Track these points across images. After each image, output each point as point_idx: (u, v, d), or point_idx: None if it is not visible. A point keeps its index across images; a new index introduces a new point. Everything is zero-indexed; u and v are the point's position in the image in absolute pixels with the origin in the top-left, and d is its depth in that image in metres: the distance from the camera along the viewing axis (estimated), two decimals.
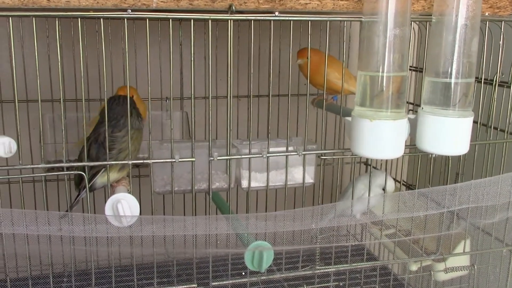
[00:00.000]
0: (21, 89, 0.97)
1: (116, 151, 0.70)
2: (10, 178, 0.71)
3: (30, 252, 0.70)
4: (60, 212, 0.68)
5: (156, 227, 0.67)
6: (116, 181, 0.74)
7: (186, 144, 0.77)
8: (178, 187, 0.74)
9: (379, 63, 0.67)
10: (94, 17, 0.64)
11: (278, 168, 0.78)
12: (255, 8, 0.68)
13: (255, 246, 0.71)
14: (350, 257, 0.90)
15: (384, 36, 0.66)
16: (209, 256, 0.73)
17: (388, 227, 0.92)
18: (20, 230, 0.63)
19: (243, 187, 0.77)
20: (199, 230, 0.68)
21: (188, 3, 0.66)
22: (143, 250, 0.72)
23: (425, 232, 0.78)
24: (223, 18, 0.67)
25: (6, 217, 0.65)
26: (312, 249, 0.79)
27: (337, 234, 0.97)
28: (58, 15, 0.64)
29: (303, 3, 0.69)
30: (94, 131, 0.73)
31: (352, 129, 0.70)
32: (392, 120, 0.67)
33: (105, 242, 0.69)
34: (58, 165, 0.67)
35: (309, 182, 0.80)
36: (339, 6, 0.70)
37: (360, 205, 0.84)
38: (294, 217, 0.71)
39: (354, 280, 0.90)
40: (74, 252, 0.70)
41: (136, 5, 0.64)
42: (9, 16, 0.63)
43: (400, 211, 0.76)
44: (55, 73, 0.99)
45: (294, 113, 1.03)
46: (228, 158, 0.71)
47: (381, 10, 0.66)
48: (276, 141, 0.79)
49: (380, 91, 0.68)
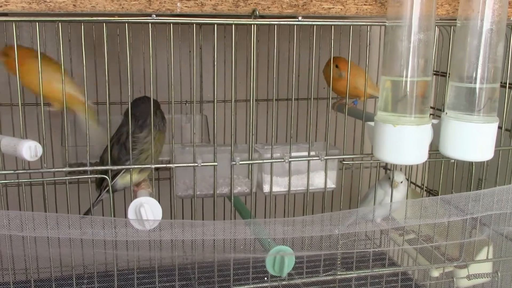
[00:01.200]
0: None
1: (137, 152, 0.70)
2: (33, 181, 0.71)
3: (51, 254, 0.71)
4: (84, 216, 0.68)
5: (177, 231, 0.67)
6: (137, 183, 0.74)
7: (208, 148, 0.77)
8: (200, 191, 0.74)
9: (403, 67, 0.67)
10: (119, 22, 0.65)
11: (298, 173, 0.78)
12: (279, 13, 0.68)
13: (277, 251, 0.71)
14: (368, 262, 0.89)
15: (408, 41, 0.66)
16: (230, 261, 0.73)
17: (408, 232, 0.91)
18: (43, 233, 0.64)
19: (265, 191, 0.77)
20: (220, 234, 0.68)
21: (212, 8, 0.66)
22: (163, 253, 0.72)
23: (447, 239, 0.77)
24: (246, 23, 0.67)
25: (30, 220, 0.66)
26: (333, 254, 0.79)
27: (356, 239, 0.97)
28: (83, 20, 0.64)
29: (326, 8, 0.69)
30: (117, 132, 0.73)
31: (375, 134, 0.70)
32: (416, 125, 0.67)
33: (126, 245, 0.70)
34: (82, 168, 0.67)
35: (331, 187, 0.80)
36: (362, 10, 0.70)
37: (381, 210, 0.83)
38: (315, 222, 0.71)
39: (374, 285, 0.89)
40: (95, 254, 0.71)
41: (160, 10, 0.65)
42: (36, 21, 0.64)
43: (422, 217, 0.76)
44: (77, 77, 0.99)
45: (314, 117, 1.03)
46: (250, 163, 0.71)
47: (405, 14, 0.66)
48: (297, 146, 0.79)
49: (404, 96, 0.67)
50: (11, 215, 0.66)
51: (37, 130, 0.96)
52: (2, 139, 0.64)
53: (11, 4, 0.62)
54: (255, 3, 0.67)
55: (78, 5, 0.63)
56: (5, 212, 0.66)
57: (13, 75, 0.71)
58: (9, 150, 0.63)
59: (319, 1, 0.68)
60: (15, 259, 0.76)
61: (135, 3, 0.64)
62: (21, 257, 0.78)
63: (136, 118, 0.72)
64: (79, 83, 0.96)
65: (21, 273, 0.95)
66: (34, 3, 0.62)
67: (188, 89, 1.05)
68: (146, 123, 0.72)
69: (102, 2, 0.63)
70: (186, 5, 0.65)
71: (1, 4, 0.61)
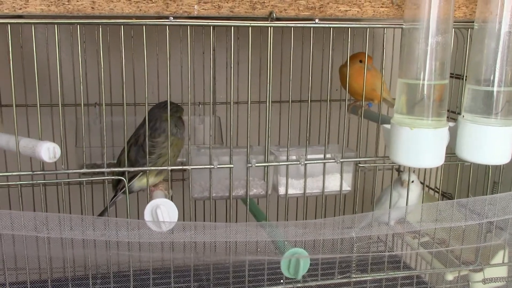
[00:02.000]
0: (55, 93, 0.99)
1: (155, 156, 0.71)
2: (47, 182, 0.72)
3: (68, 254, 0.71)
4: (100, 216, 0.69)
5: (192, 233, 0.67)
6: (154, 185, 0.74)
7: (223, 150, 0.77)
8: (216, 193, 0.74)
9: (420, 70, 0.66)
10: (137, 25, 0.65)
11: (312, 175, 0.78)
12: (295, 15, 0.68)
13: (292, 253, 0.71)
14: (381, 264, 0.89)
15: (425, 43, 0.66)
16: (245, 263, 0.73)
17: (422, 235, 0.91)
18: (61, 234, 0.64)
19: (280, 194, 0.77)
20: (235, 236, 0.68)
21: (229, 10, 0.66)
22: (178, 255, 0.72)
23: (463, 242, 0.77)
24: (263, 25, 0.67)
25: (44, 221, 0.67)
26: (347, 257, 0.79)
27: (371, 242, 0.97)
28: (101, 23, 0.65)
29: (343, 10, 0.69)
30: (134, 134, 0.74)
31: (391, 136, 0.69)
32: (433, 128, 0.67)
33: (139, 246, 0.70)
34: (100, 170, 0.68)
35: (346, 189, 0.79)
36: (379, 13, 0.70)
37: (395, 212, 0.83)
38: (331, 224, 0.71)
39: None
40: (111, 255, 0.71)
41: (177, 12, 0.65)
42: (55, 24, 0.64)
43: (437, 220, 0.75)
44: (92, 78, 1.00)
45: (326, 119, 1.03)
46: (266, 165, 0.71)
47: (423, 17, 0.65)
48: (312, 148, 0.79)
49: (421, 99, 0.67)
50: (26, 216, 0.67)
51: (51, 131, 0.97)
52: (20, 140, 0.65)
53: (30, 6, 0.62)
54: (272, 6, 0.67)
55: (96, 7, 0.63)
56: (21, 212, 0.67)
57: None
58: (27, 152, 0.64)
59: (336, 4, 0.68)
60: (30, 259, 0.76)
61: (152, 5, 0.64)
62: (36, 258, 0.79)
63: (153, 123, 0.72)
64: (94, 84, 0.97)
65: (34, 273, 0.96)
66: (53, 5, 0.62)
67: (201, 91, 1.06)
68: (163, 128, 0.72)
69: (120, 5, 0.64)
70: (203, 7, 0.66)
71: (20, 6, 0.62)
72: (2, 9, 0.61)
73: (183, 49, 1.05)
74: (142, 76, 1.04)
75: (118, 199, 0.74)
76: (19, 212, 0.68)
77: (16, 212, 0.67)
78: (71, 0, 0.62)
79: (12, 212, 0.68)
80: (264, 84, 1.05)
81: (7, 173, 0.70)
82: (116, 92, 1.00)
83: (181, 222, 0.67)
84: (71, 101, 0.99)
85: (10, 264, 0.81)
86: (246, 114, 0.99)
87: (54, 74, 0.99)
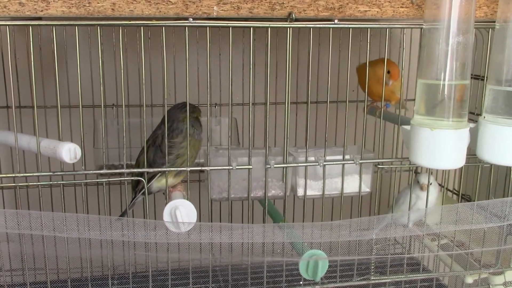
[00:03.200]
0: (73, 94, 1.00)
1: (173, 157, 0.71)
2: (66, 183, 0.72)
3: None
4: (120, 218, 0.69)
5: (212, 234, 0.68)
6: (172, 186, 0.74)
7: (241, 151, 0.77)
8: (234, 194, 0.74)
9: (441, 71, 0.66)
10: (157, 26, 0.65)
11: (331, 176, 0.78)
12: (314, 16, 0.68)
13: (310, 255, 0.70)
14: (399, 267, 0.88)
15: (446, 43, 0.65)
16: (264, 264, 0.73)
17: (441, 238, 0.90)
18: (85, 235, 0.65)
19: (299, 195, 0.76)
20: (254, 237, 0.68)
21: (248, 11, 0.66)
22: (194, 256, 0.72)
23: (483, 245, 0.76)
24: (282, 26, 0.67)
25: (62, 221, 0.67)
26: (365, 259, 0.78)
27: (390, 244, 0.96)
28: (122, 24, 0.65)
29: (362, 11, 0.68)
30: (152, 134, 0.74)
31: (411, 138, 0.69)
32: (454, 129, 0.66)
33: (159, 247, 0.70)
34: (119, 171, 0.68)
35: (365, 191, 0.79)
36: (399, 13, 0.69)
37: (413, 214, 0.82)
38: (349, 226, 0.70)
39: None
40: (131, 255, 0.71)
41: (197, 13, 0.65)
42: (76, 25, 0.64)
43: (457, 222, 0.74)
44: (109, 79, 1.01)
45: (342, 120, 1.02)
46: (285, 166, 0.71)
47: (443, 17, 0.65)
48: (330, 149, 0.79)
49: (442, 100, 0.66)
50: (45, 216, 0.67)
51: (70, 132, 0.97)
52: (41, 141, 0.65)
53: (51, 8, 0.63)
54: (291, 6, 0.66)
55: (116, 9, 0.64)
56: (41, 213, 0.67)
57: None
58: (48, 152, 0.64)
59: (355, 4, 0.68)
60: (48, 260, 0.77)
61: (172, 7, 0.64)
62: (54, 258, 0.79)
63: (170, 123, 0.72)
64: (110, 86, 0.98)
65: (52, 273, 0.96)
66: (74, 7, 0.63)
67: (217, 92, 1.06)
68: (180, 129, 0.72)
69: (140, 6, 0.64)
70: (223, 8, 0.66)
71: (41, 8, 0.62)
72: (23, 11, 0.62)
73: (200, 51, 1.06)
74: (158, 77, 1.05)
75: (137, 200, 0.74)
76: (39, 212, 0.68)
77: (35, 212, 0.68)
78: (92, 2, 0.63)
79: (31, 212, 0.68)
80: (280, 86, 1.05)
81: (26, 174, 0.70)
82: (133, 93, 1.00)
83: (200, 223, 0.67)
84: (89, 102, 1.00)
85: (29, 264, 0.82)
86: (261, 115, 0.99)
87: (72, 75, 0.99)
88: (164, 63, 0.69)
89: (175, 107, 0.74)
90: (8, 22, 0.64)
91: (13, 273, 0.97)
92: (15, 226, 0.67)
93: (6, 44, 0.66)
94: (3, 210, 0.67)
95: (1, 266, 0.91)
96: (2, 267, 0.92)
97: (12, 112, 0.68)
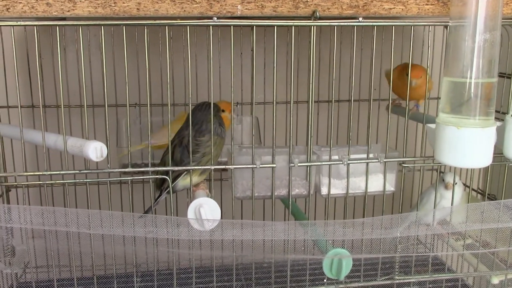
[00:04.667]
0: (98, 93, 1.01)
1: (199, 155, 0.71)
2: (89, 181, 0.73)
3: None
4: (145, 214, 0.70)
5: (235, 231, 0.68)
6: (195, 184, 0.75)
7: (264, 150, 0.77)
8: (258, 193, 0.75)
9: (467, 68, 0.65)
10: (181, 25, 0.66)
11: (354, 175, 0.77)
12: (338, 14, 0.67)
13: (334, 253, 0.70)
14: (423, 267, 0.87)
15: (472, 41, 0.64)
16: (288, 262, 0.73)
17: (465, 237, 0.89)
18: (111, 231, 0.65)
19: (323, 194, 0.76)
20: (278, 235, 0.68)
21: (272, 10, 0.66)
22: (217, 253, 0.72)
23: (510, 244, 0.75)
24: (306, 24, 0.67)
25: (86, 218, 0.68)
26: (389, 258, 0.78)
27: (414, 243, 0.95)
28: (147, 24, 0.66)
29: (387, 8, 0.68)
30: (178, 134, 0.75)
31: (436, 136, 0.68)
32: (481, 128, 0.65)
33: (182, 245, 0.71)
34: (144, 169, 0.68)
35: (390, 190, 0.78)
36: (424, 10, 0.69)
37: (438, 213, 0.81)
38: (373, 224, 0.70)
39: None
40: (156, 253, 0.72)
41: (221, 12, 0.65)
42: (101, 25, 0.65)
43: (482, 221, 0.73)
44: (131, 78, 1.01)
45: (364, 119, 1.02)
46: (309, 165, 0.71)
47: (470, 14, 0.64)
48: (355, 148, 0.78)
49: (468, 98, 0.66)
50: (70, 212, 0.68)
51: (93, 132, 0.99)
52: (68, 139, 0.66)
53: (77, 8, 0.63)
54: (315, 4, 0.66)
55: (141, 9, 0.64)
56: (67, 209, 0.68)
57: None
58: (75, 151, 0.65)
59: (380, 2, 0.67)
60: (71, 257, 0.78)
61: (196, 6, 0.65)
62: (78, 255, 0.80)
63: (199, 125, 0.73)
64: (133, 85, 0.98)
65: (77, 270, 0.98)
66: (100, 7, 0.63)
67: (238, 91, 1.06)
68: (207, 128, 0.73)
69: (165, 6, 0.64)
70: (247, 7, 0.66)
71: (68, 8, 0.63)
72: (51, 11, 0.63)
73: (221, 50, 1.06)
74: (179, 77, 1.05)
75: (162, 198, 0.75)
76: (63, 208, 0.69)
77: (60, 209, 0.69)
78: (118, 2, 0.63)
79: (56, 208, 0.69)
80: (301, 84, 1.05)
81: (51, 172, 0.71)
82: (154, 92, 1.01)
83: (227, 220, 0.67)
84: (112, 102, 1.01)
85: (54, 262, 0.83)
86: (282, 114, 0.99)
87: (96, 75, 1.00)
88: (189, 62, 0.69)
89: (200, 107, 0.74)
90: (34, 22, 0.65)
91: (39, 270, 0.98)
92: (40, 223, 0.68)
93: (31, 44, 0.67)
94: (28, 206, 0.68)
95: (28, 262, 0.92)
96: (29, 263, 0.94)
97: (40, 112, 0.69)
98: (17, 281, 0.90)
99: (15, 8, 0.62)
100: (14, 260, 0.79)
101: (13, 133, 0.73)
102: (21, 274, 0.92)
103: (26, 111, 0.99)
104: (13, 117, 0.95)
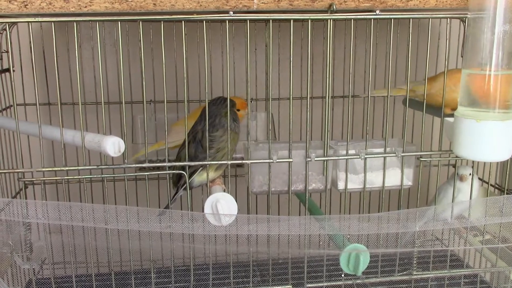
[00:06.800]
0: (112, 91, 1.01)
1: (214, 150, 0.71)
2: (106, 176, 0.73)
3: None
4: (160, 209, 0.70)
5: (252, 226, 0.68)
6: (212, 180, 0.75)
7: (281, 145, 0.77)
8: (275, 188, 0.74)
9: (486, 61, 0.64)
10: (197, 20, 0.66)
11: (371, 170, 0.77)
12: (355, 7, 0.67)
13: (351, 248, 0.70)
14: (439, 263, 0.86)
15: (492, 33, 0.64)
16: (305, 257, 0.72)
17: (484, 233, 0.88)
18: (130, 226, 0.66)
19: (339, 188, 0.76)
20: (294, 230, 0.68)
21: (288, 4, 0.66)
22: (234, 248, 0.72)
23: None
24: (323, 18, 0.67)
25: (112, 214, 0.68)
26: (407, 254, 0.77)
27: (426, 239, 0.94)
28: (164, 19, 0.66)
29: (404, 1, 0.67)
30: (192, 130, 0.75)
31: (455, 130, 0.67)
32: (501, 120, 0.64)
33: (197, 240, 0.71)
34: (161, 164, 0.69)
35: (407, 184, 0.78)
36: (442, 2, 0.68)
37: (454, 208, 0.80)
38: (391, 219, 0.69)
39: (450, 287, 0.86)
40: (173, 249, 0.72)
41: (237, 7, 0.65)
42: (119, 21, 0.65)
43: (500, 215, 0.72)
44: (147, 75, 1.02)
45: (379, 113, 1.01)
46: (326, 159, 0.70)
47: (489, 5, 0.63)
48: (371, 142, 0.78)
49: (487, 91, 0.65)
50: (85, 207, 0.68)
51: (109, 128, 0.99)
52: (86, 135, 0.66)
53: (95, 4, 0.63)
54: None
55: (158, 4, 0.64)
56: (84, 204, 0.68)
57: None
58: (93, 146, 0.65)
59: None
60: (91, 251, 0.78)
61: (213, 0, 0.65)
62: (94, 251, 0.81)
63: (212, 119, 0.73)
64: (147, 82, 0.99)
65: (93, 267, 0.98)
66: (117, 3, 0.64)
67: (253, 87, 1.06)
68: (220, 122, 0.72)
69: (181, 1, 0.64)
70: (263, 1, 0.65)
71: (85, 4, 0.63)
72: (68, 8, 0.63)
73: (235, 45, 1.06)
74: (193, 73, 1.05)
75: (179, 195, 0.75)
76: (79, 203, 0.69)
77: (75, 204, 0.69)
78: None
79: (72, 204, 0.69)
80: (315, 79, 1.05)
81: (67, 167, 0.71)
82: (169, 89, 1.01)
83: (243, 215, 0.67)
84: (127, 98, 1.01)
85: (70, 258, 0.83)
86: (296, 110, 0.99)
87: (111, 72, 1.01)
88: (205, 58, 0.69)
89: (215, 102, 0.74)
90: (52, 18, 0.65)
91: (55, 266, 0.99)
92: (57, 218, 0.68)
93: (47, 42, 0.67)
94: (45, 202, 0.69)
95: (45, 258, 0.93)
96: (46, 259, 0.94)
97: (56, 109, 0.69)
98: (35, 277, 0.90)
99: (33, 5, 0.62)
100: (32, 255, 0.80)
101: (31, 129, 0.73)
102: (38, 270, 0.93)
103: (43, 108, 0.99)
104: (29, 114, 0.96)
